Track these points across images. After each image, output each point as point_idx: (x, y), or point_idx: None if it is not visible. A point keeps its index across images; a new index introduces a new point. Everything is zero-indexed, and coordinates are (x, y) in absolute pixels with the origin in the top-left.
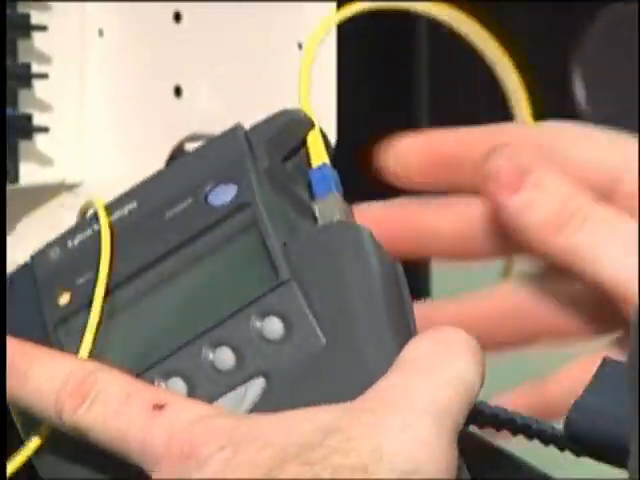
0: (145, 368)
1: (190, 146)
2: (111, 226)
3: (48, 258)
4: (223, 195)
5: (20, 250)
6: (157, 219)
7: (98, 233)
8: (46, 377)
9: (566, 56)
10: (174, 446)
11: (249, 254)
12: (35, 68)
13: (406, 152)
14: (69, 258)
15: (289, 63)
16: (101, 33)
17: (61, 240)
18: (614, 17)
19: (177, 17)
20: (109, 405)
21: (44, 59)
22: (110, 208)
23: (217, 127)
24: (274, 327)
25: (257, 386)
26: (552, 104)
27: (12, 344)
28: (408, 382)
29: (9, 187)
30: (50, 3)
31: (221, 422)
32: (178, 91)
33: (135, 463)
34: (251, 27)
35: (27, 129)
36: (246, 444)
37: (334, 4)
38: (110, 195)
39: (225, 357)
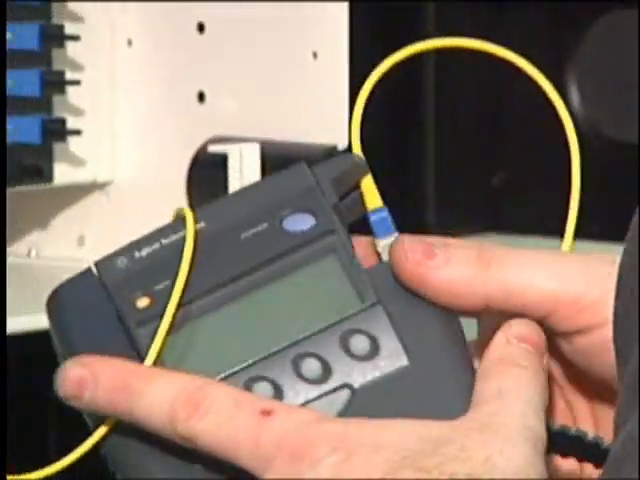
0: (228, 374)
1: (213, 148)
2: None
3: (116, 266)
4: (300, 223)
5: (53, 245)
6: (232, 239)
7: (174, 244)
8: (160, 392)
9: (561, 61)
10: (286, 447)
11: (329, 277)
12: (68, 75)
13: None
14: (143, 266)
15: (304, 70)
16: (130, 43)
17: (128, 249)
18: (608, 25)
19: (200, 28)
20: (221, 413)
21: (77, 67)
22: (157, 232)
23: (237, 130)
24: (361, 345)
25: (342, 397)
26: (545, 109)
27: (126, 366)
28: (505, 410)
29: (44, 186)
30: (82, 15)
31: (332, 425)
32: (201, 96)
33: (245, 468)
34: (269, 37)
35: (61, 132)
36: (358, 447)
37: (346, 17)
38: (138, 193)
39: (313, 368)
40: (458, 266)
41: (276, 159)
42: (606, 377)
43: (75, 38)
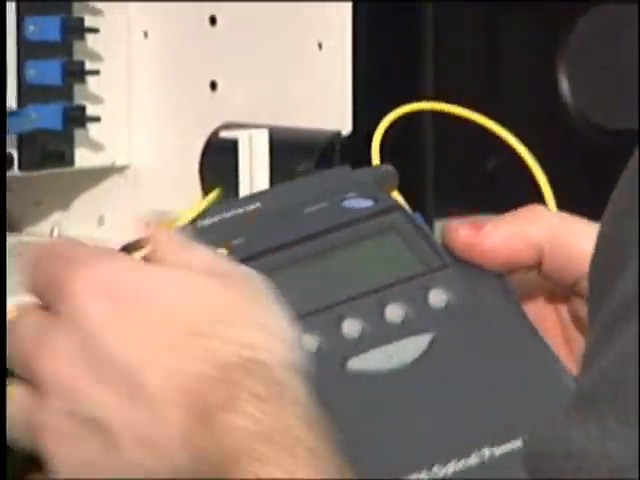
0: (320, 308)
1: (224, 134)
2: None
3: (208, 221)
4: (360, 203)
5: (74, 225)
6: (297, 212)
7: (245, 213)
8: None
9: (553, 52)
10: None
11: (399, 243)
12: (88, 65)
13: None
14: (224, 225)
15: (310, 60)
16: (146, 35)
17: (214, 211)
18: (597, 18)
19: (213, 20)
20: None
21: (96, 57)
22: (232, 203)
23: (247, 117)
24: (440, 298)
25: (423, 340)
26: (538, 97)
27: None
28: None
29: (66, 170)
30: (101, 8)
31: (105, 269)
32: (214, 85)
33: None
34: (278, 29)
35: (81, 119)
36: (127, 296)
37: (349, 10)
38: (154, 176)
39: (397, 312)
40: (507, 226)
41: (284, 144)
42: None
43: (94, 31)
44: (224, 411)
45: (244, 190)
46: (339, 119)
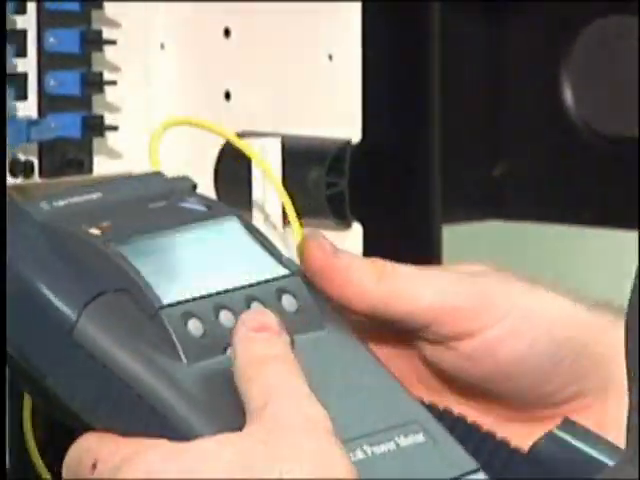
0: (198, 297)
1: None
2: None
3: (42, 209)
4: (195, 205)
5: None
6: (143, 206)
7: (86, 201)
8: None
9: (557, 61)
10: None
11: (244, 250)
12: (106, 76)
13: None
14: (68, 210)
15: (321, 71)
16: (162, 46)
17: (45, 198)
18: (600, 29)
19: (227, 33)
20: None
21: (114, 68)
22: (73, 190)
23: (260, 126)
24: (290, 304)
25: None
26: (542, 106)
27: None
28: (280, 410)
29: (85, 177)
30: (119, 21)
31: (139, 467)
32: (227, 95)
33: None
34: (289, 41)
35: (100, 128)
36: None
37: (359, 22)
38: None
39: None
40: (356, 271)
41: (296, 152)
42: (478, 379)
43: (112, 42)
44: None
45: (257, 198)
46: (349, 128)
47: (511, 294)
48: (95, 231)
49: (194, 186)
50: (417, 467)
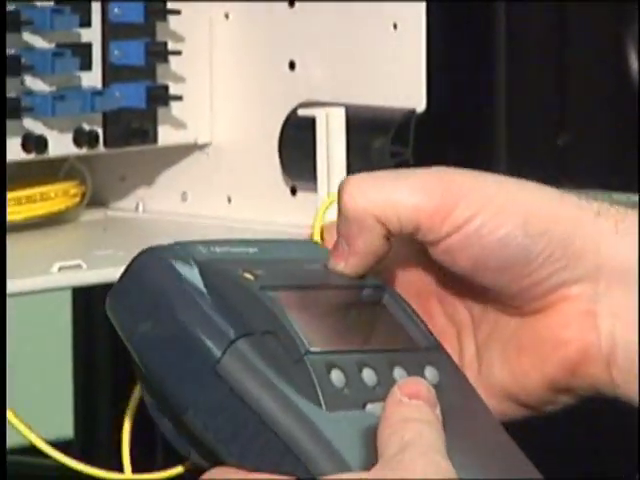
0: (339, 351)
1: (302, 112)
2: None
3: (200, 250)
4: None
5: (158, 200)
6: (297, 265)
7: (242, 252)
8: None
9: (621, 29)
10: None
11: (389, 318)
12: (170, 46)
13: None
14: (222, 257)
15: (386, 40)
16: (227, 16)
17: (204, 244)
18: None
19: (291, 2)
20: None
21: (178, 38)
22: (230, 242)
23: (325, 96)
24: (433, 374)
25: None
26: (607, 73)
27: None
28: (410, 457)
29: (149, 147)
30: None
31: None
32: (292, 65)
33: None
34: (353, 10)
35: (164, 98)
36: None
37: None
38: (235, 153)
39: (403, 375)
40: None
41: (359, 121)
42: (467, 271)
43: (176, 12)
44: None
45: (321, 166)
46: (413, 97)
47: (487, 190)
48: (249, 276)
49: None
50: None
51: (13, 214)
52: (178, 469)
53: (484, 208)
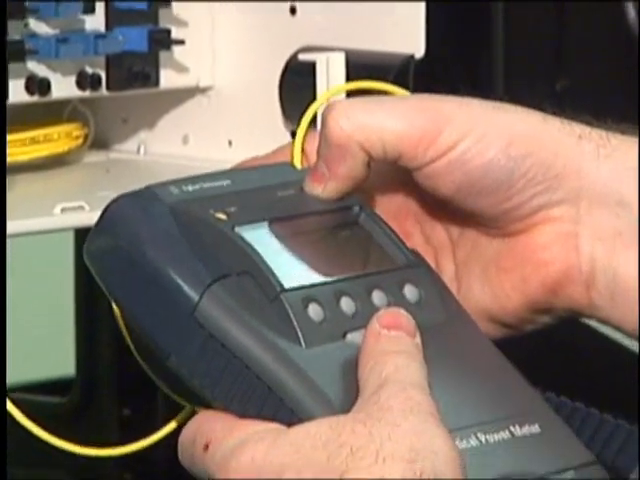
0: (317, 284)
1: (303, 56)
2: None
3: (172, 192)
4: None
5: (160, 143)
6: (271, 194)
7: (216, 187)
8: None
9: None
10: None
11: (365, 239)
12: None
13: None
14: (195, 196)
15: None
16: None
17: (177, 183)
18: None
19: None
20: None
21: None
22: (204, 177)
23: (325, 41)
24: (412, 293)
25: None
26: (604, 23)
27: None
28: (387, 394)
29: (151, 90)
30: None
31: (245, 455)
32: (293, 10)
33: None
34: None
35: (166, 42)
36: (267, 474)
37: None
38: (236, 97)
39: (381, 299)
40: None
41: (359, 66)
42: (450, 196)
43: None
44: None
45: (321, 111)
46: (413, 43)
47: (471, 116)
48: (222, 216)
49: None
50: (531, 457)
51: (17, 155)
52: (172, 425)
53: (468, 134)
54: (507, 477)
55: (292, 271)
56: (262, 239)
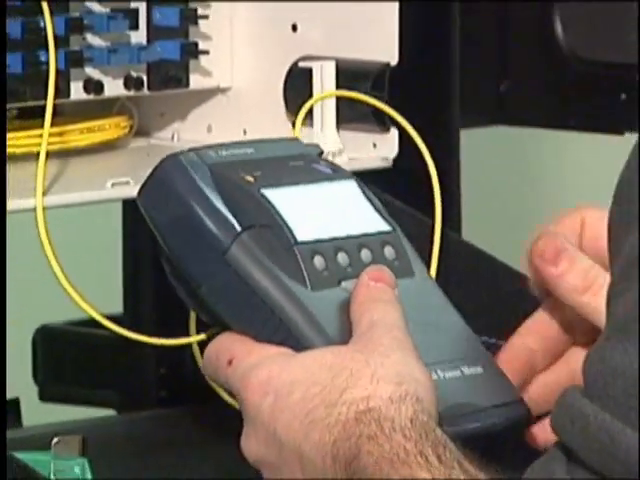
0: (322, 239)
1: (302, 64)
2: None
3: (211, 155)
4: (324, 168)
5: (190, 132)
6: (285, 163)
7: (242, 154)
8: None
9: (550, 3)
10: (239, 394)
11: (358, 206)
12: (200, 11)
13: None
14: (236, 160)
15: (380, 7)
16: None
17: (213, 148)
18: None
19: None
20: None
21: (206, 6)
22: (232, 145)
23: (321, 52)
24: (390, 252)
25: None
26: (539, 38)
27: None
28: (377, 333)
29: (183, 90)
30: None
31: (260, 371)
32: (295, 27)
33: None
34: None
35: (194, 52)
36: (280, 388)
37: None
38: (250, 96)
39: (368, 256)
40: (574, 279)
41: (347, 72)
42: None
43: None
44: (355, 457)
45: (316, 107)
46: (388, 53)
47: None
48: (250, 178)
49: (321, 152)
50: (476, 392)
51: (76, 142)
52: (202, 336)
53: None
54: (457, 407)
55: (303, 227)
56: (281, 200)
